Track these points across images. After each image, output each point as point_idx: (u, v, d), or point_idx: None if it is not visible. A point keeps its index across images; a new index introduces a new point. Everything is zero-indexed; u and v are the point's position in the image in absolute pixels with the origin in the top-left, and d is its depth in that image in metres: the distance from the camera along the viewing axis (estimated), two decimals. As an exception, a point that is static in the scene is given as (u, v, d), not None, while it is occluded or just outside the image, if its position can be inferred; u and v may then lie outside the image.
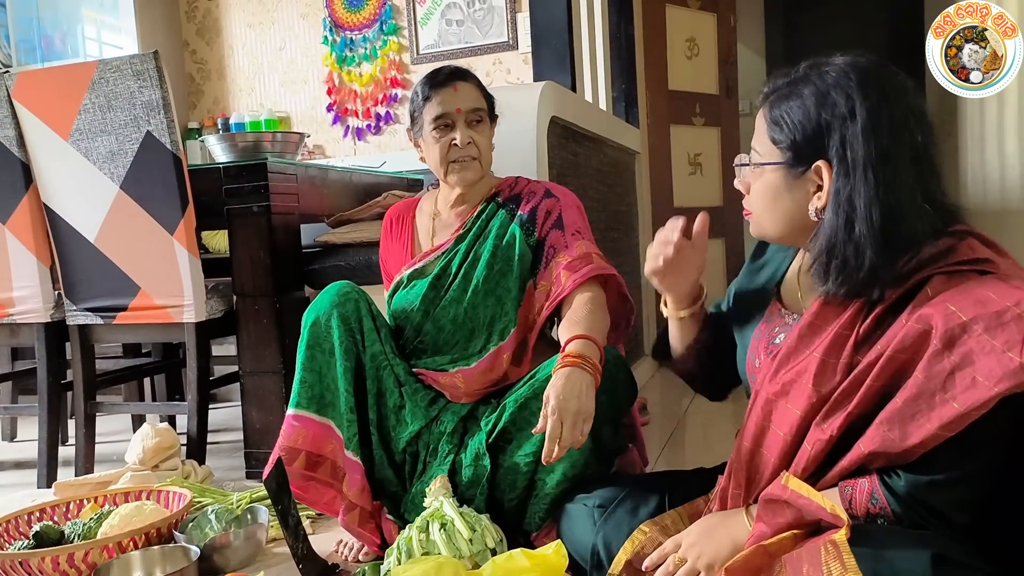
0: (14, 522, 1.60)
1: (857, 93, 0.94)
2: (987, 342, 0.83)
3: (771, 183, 1.02)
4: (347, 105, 3.73)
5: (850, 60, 0.98)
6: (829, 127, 0.95)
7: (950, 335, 0.85)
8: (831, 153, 0.95)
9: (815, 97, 0.97)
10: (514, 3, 3.39)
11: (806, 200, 1.00)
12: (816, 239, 0.98)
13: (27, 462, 2.47)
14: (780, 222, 1.04)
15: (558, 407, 1.22)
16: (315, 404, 1.49)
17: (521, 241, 1.53)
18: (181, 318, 2.06)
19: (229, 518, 1.58)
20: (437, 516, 1.33)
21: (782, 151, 1.00)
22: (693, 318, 1.25)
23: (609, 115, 3.10)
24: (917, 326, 0.88)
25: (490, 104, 1.58)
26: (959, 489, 0.89)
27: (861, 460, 0.92)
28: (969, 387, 0.83)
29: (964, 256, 0.92)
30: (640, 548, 1.12)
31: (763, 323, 1.14)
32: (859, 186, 0.93)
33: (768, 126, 1.02)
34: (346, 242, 2.20)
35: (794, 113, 0.98)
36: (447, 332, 1.54)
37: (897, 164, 0.92)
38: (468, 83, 1.54)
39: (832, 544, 0.86)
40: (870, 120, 0.93)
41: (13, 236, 2.16)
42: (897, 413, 0.87)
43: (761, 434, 1.04)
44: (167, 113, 1.95)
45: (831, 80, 0.96)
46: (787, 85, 1.01)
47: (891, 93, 0.95)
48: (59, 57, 3.93)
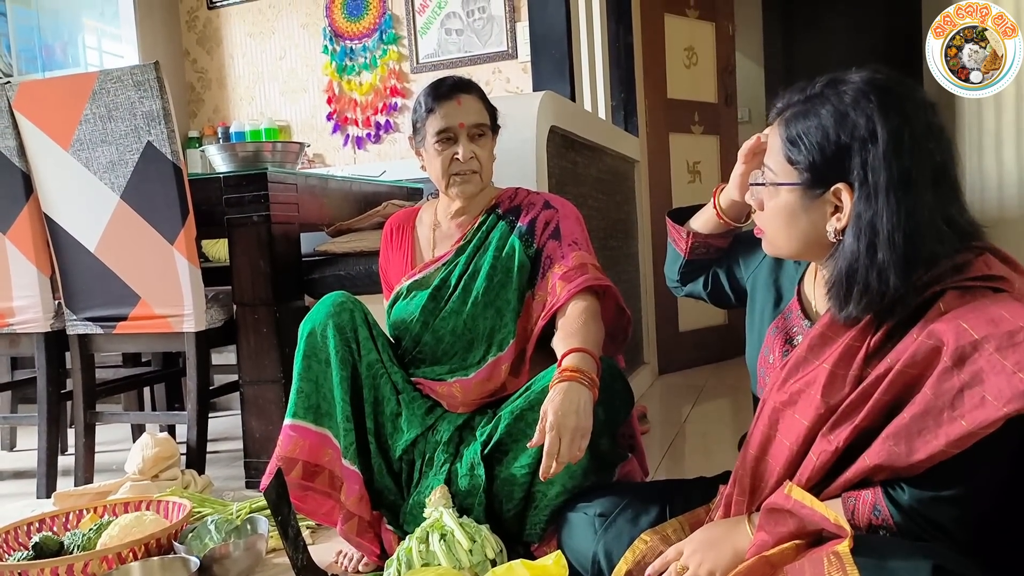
0: (13, 533, 1.60)
1: (878, 115, 0.92)
2: (998, 362, 0.83)
3: (787, 203, 1.01)
4: (347, 114, 3.74)
5: (868, 77, 0.96)
6: (849, 150, 0.94)
7: (961, 353, 0.85)
8: (852, 176, 0.94)
9: (834, 118, 0.95)
10: (513, 12, 3.41)
11: (823, 221, 0.98)
12: (834, 262, 0.97)
13: (26, 472, 2.46)
14: (795, 241, 1.02)
15: (556, 423, 1.21)
16: (312, 414, 1.49)
17: (520, 252, 1.53)
18: (181, 328, 2.06)
19: (229, 528, 1.58)
20: (437, 526, 1.33)
21: (799, 172, 0.99)
22: (726, 232, 1.27)
23: (608, 124, 3.10)
24: (928, 342, 0.88)
25: (492, 116, 1.57)
26: (962, 505, 0.89)
27: (866, 473, 0.92)
28: (978, 406, 0.83)
29: (979, 272, 0.92)
30: (641, 557, 1.12)
31: (780, 318, 1.12)
32: (882, 211, 0.91)
33: (784, 145, 1.00)
34: (346, 251, 2.20)
35: (812, 134, 0.96)
36: (446, 343, 1.54)
37: (918, 187, 0.91)
38: (472, 96, 1.53)
39: (835, 555, 0.86)
40: (891, 143, 0.91)
41: (13, 246, 2.16)
42: (904, 428, 0.87)
43: (767, 442, 1.03)
44: (168, 123, 1.95)
45: (849, 100, 0.95)
46: (803, 102, 0.99)
47: (911, 112, 0.93)
48: (60, 66, 3.94)
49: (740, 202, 1.18)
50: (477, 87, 1.57)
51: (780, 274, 1.18)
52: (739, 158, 1.15)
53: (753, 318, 1.20)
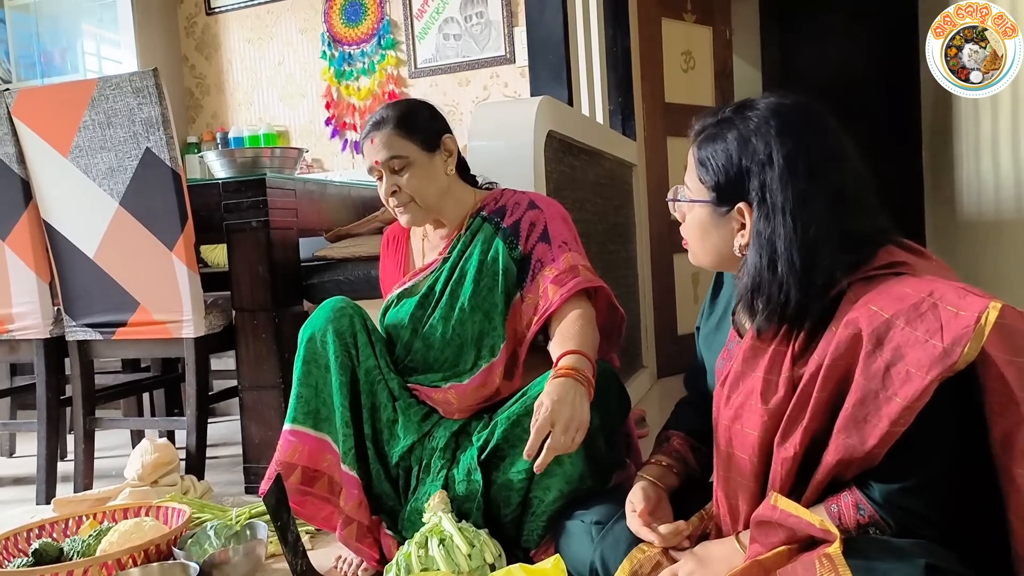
0: (13, 539, 1.60)
1: (775, 140, 1.00)
2: (910, 334, 0.87)
3: (700, 218, 1.09)
4: (345, 119, 3.75)
5: (773, 104, 1.03)
6: (749, 172, 1.02)
7: (877, 334, 0.90)
8: (751, 196, 1.01)
9: (737, 143, 1.03)
10: (511, 17, 3.42)
11: (731, 236, 1.06)
12: (741, 276, 1.04)
13: (26, 478, 2.46)
14: (710, 254, 1.11)
15: (551, 410, 1.22)
16: (311, 419, 1.50)
17: (504, 255, 1.53)
18: (180, 333, 2.06)
19: (228, 534, 1.58)
20: (436, 531, 1.33)
21: (708, 190, 1.07)
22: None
23: (606, 128, 3.11)
24: (847, 331, 0.92)
25: (424, 137, 1.53)
26: (932, 490, 0.92)
27: (832, 470, 0.95)
28: (906, 380, 0.87)
29: (881, 262, 0.98)
30: (638, 566, 1.12)
31: (724, 351, 1.17)
32: (779, 229, 0.98)
33: (696, 165, 1.08)
34: (344, 256, 2.20)
35: (718, 156, 1.05)
36: (436, 349, 1.55)
37: (815, 205, 0.98)
38: (384, 131, 1.51)
39: (826, 557, 0.87)
40: (787, 166, 0.98)
41: (13, 252, 2.17)
42: (851, 419, 0.91)
43: (729, 460, 1.07)
44: (166, 130, 1.96)
45: (752, 126, 1.02)
46: (714, 126, 1.07)
47: (809, 136, 1.00)
48: (59, 73, 3.95)
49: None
50: (395, 118, 1.52)
51: (716, 313, 1.26)
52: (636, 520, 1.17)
53: (709, 363, 1.25)
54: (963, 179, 3.52)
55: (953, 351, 0.85)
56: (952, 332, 0.85)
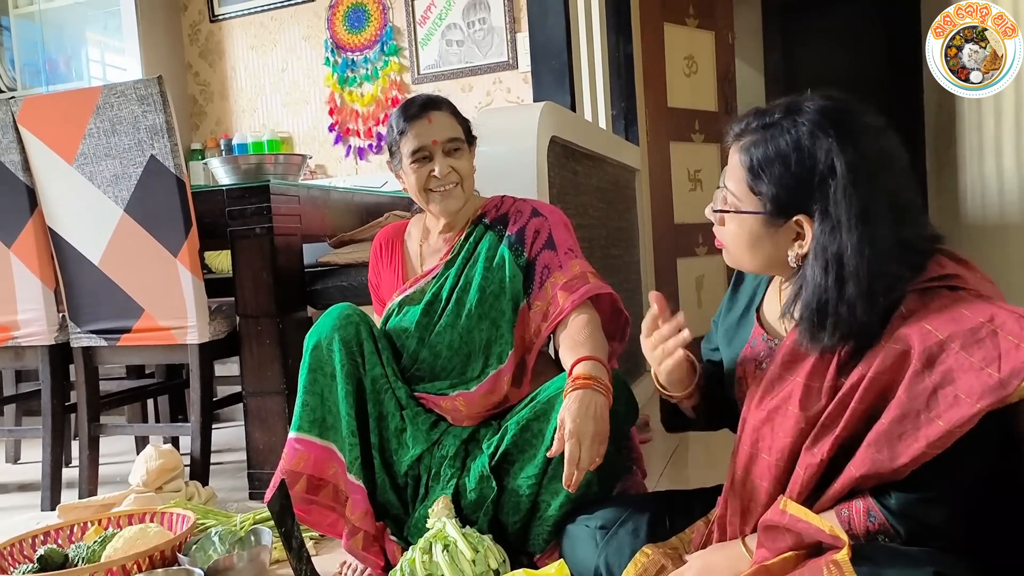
0: (18, 545, 1.60)
1: (835, 147, 0.95)
2: (965, 359, 0.85)
3: (750, 228, 1.03)
4: (349, 125, 3.76)
5: (823, 107, 0.98)
6: (811, 184, 0.96)
7: (929, 354, 0.87)
8: (813, 208, 0.97)
9: (795, 152, 0.97)
10: (514, 23, 3.42)
11: (786, 245, 1.01)
12: (799, 290, 0.99)
13: (31, 484, 2.47)
14: (759, 260, 1.06)
15: (576, 430, 1.21)
16: (317, 427, 1.49)
17: (511, 262, 1.52)
18: (185, 339, 2.07)
19: (233, 540, 1.58)
20: (440, 537, 1.33)
21: (763, 202, 1.01)
22: (692, 397, 1.22)
23: (609, 133, 3.11)
24: (896, 347, 0.90)
25: (467, 129, 1.57)
26: (950, 503, 0.91)
27: (853, 483, 0.93)
28: (952, 405, 0.85)
29: (933, 273, 0.95)
30: (643, 571, 1.12)
31: (747, 348, 1.15)
32: (846, 243, 0.94)
33: (746, 174, 1.02)
34: (348, 262, 2.21)
35: (774, 167, 0.98)
36: (443, 358, 1.54)
37: (877, 215, 0.94)
38: (442, 112, 1.53)
39: (834, 564, 0.87)
40: (850, 175, 0.94)
41: (18, 259, 2.18)
42: (884, 434, 0.89)
43: (751, 461, 1.05)
44: (171, 137, 1.97)
45: (807, 132, 0.97)
46: (762, 129, 1.01)
47: (864, 140, 0.96)
48: (64, 80, 3.97)
49: (677, 371, 1.15)
50: (447, 102, 1.56)
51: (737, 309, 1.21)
52: (643, 330, 1.15)
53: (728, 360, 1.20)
54: (967, 182, 3.51)
55: (1009, 383, 0.82)
56: (1011, 363, 0.82)
